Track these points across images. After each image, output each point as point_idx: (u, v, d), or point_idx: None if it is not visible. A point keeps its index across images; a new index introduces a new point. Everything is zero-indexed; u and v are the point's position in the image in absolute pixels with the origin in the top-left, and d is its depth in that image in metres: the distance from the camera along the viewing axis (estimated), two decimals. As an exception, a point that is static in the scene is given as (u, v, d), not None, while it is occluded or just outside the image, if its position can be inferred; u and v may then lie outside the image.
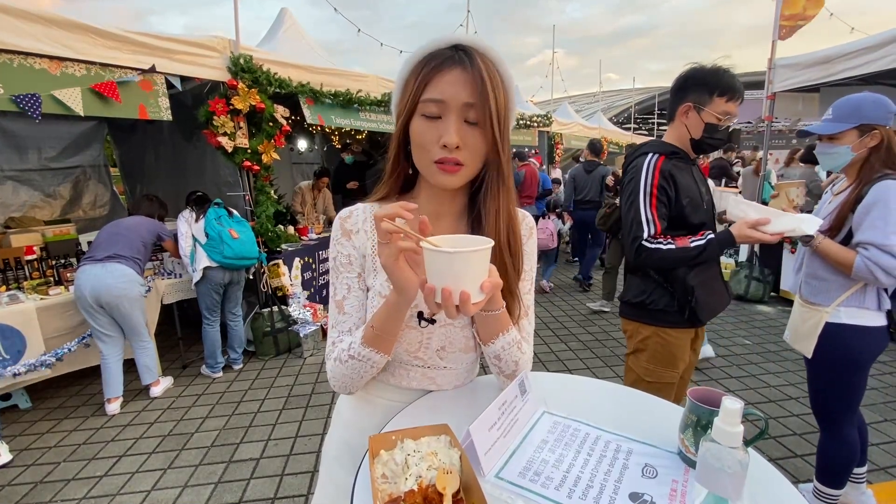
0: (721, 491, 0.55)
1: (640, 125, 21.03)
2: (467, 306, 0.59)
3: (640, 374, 1.68)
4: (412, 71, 0.73)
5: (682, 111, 1.55)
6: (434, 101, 0.70)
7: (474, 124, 0.71)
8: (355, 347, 0.76)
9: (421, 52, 0.73)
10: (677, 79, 1.59)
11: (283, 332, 3.74)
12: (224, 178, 3.93)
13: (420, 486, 0.62)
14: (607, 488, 0.66)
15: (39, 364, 2.69)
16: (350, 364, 0.77)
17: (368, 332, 0.74)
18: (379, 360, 0.77)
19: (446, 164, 0.71)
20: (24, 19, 2.38)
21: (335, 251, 0.84)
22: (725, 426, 0.56)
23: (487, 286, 0.61)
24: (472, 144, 0.72)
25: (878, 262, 1.45)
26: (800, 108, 4.57)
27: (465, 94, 0.69)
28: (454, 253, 0.57)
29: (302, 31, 4.78)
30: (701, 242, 1.47)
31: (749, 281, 4.84)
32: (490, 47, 0.73)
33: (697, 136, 1.54)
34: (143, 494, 2.19)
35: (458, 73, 0.69)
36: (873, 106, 1.52)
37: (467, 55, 0.70)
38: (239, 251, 3.20)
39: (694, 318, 1.57)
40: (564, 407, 0.88)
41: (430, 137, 0.71)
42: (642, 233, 1.51)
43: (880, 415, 2.72)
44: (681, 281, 1.54)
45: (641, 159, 1.56)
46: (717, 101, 1.49)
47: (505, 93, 0.73)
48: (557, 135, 8.51)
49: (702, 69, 1.52)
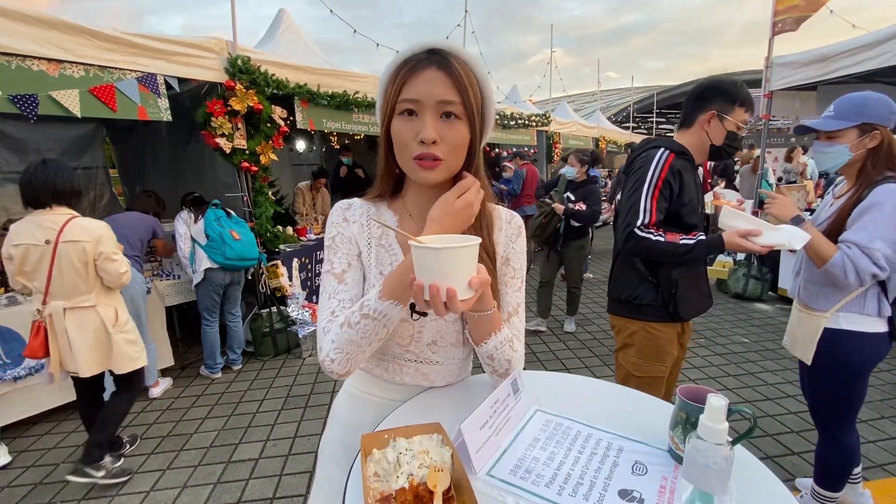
0: (706, 486, 0.56)
1: (639, 124, 21.02)
2: (455, 302, 0.60)
3: (630, 370, 1.70)
4: (390, 75, 0.77)
5: (706, 119, 1.59)
6: (410, 100, 0.73)
7: (450, 120, 0.74)
8: (370, 304, 0.72)
9: (399, 58, 0.77)
10: (697, 87, 1.64)
11: (281, 332, 3.75)
12: (222, 179, 3.94)
13: (411, 483, 0.63)
14: (597, 485, 0.67)
15: (40, 367, 2.70)
16: (362, 325, 0.73)
17: (386, 285, 0.72)
18: (396, 314, 0.73)
19: (425, 159, 0.74)
20: (21, 22, 2.38)
21: (335, 231, 0.85)
22: (710, 423, 0.56)
23: (476, 282, 0.62)
24: (449, 139, 0.74)
25: (856, 262, 1.43)
26: (797, 107, 4.56)
27: (439, 92, 0.72)
28: (441, 249, 0.58)
29: (300, 31, 4.78)
30: (690, 242, 1.50)
31: (747, 279, 4.85)
32: (464, 51, 0.77)
33: (719, 142, 1.59)
34: (142, 495, 2.20)
35: (431, 72, 0.73)
36: (878, 105, 1.48)
37: (441, 56, 0.74)
38: (240, 252, 3.22)
39: (676, 314, 1.59)
40: (557, 405, 0.88)
41: (408, 135, 0.74)
42: (636, 220, 1.53)
43: (877, 412, 2.72)
44: (666, 275, 1.58)
45: (653, 152, 1.59)
46: (738, 110, 1.56)
47: (481, 90, 0.77)
48: (556, 134, 8.51)
49: (721, 80, 1.60)
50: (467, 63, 0.76)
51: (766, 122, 4.61)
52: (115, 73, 2.79)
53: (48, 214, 2.08)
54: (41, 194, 2.05)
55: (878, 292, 1.55)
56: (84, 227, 2.11)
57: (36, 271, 2.06)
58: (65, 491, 2.25)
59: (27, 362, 2.66)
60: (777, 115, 4.89)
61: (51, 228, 2.05)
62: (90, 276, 2.13)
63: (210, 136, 3.32)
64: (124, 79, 2.82)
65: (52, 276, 2.06)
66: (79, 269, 2.09)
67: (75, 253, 2.07)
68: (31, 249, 2.04)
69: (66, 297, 2.10)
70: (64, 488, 2.26)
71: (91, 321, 2.14)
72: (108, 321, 2.18)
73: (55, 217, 2.08)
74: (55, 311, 2.08)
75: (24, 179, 2.05)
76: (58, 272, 2.06)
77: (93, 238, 2.11)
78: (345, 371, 0.77)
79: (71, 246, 2.06)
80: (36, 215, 2.07)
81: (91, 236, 2.11)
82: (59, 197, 2.08)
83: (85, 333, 2.12)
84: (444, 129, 0.74)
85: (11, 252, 2.04)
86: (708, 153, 1.64)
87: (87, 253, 2.10)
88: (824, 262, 1.50)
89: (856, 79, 3.79)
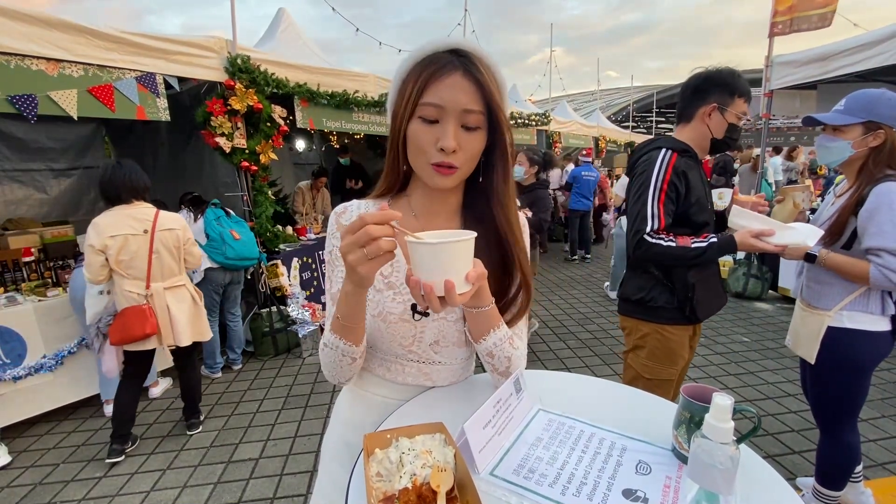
0: (712, 486, 0.56)
1: (639, 123, 21.03)
2: (453, 295, 0.59)
3: (639, 371, 1.68)
4: (411, 73, 0.74)
5: (706, 112, 1.57)
6: (433, 105, 0.71)
7: (471, 129, 0.73)
8: (326, 334, 0.77)
9: (420, 54, 0.74)
10: (694, 80, 1.60)
11: (281, 332, 3.75)
12: (222, 178, 3.93)
13: (414, 483, 0.62)
14: (601, 485, 0.67)
15: (39, 367, 2.69)
16: (326, 352, 0.79)
17: (334, 321, 0.75)
18: (347, 348, 0.76)
19: (442, 166, 0.73)
20: (20, 21, 2.38)
21: (331, 245, 0.86)
22: (716, 422, 0.56)
23: (473, 276, 0.62)
24: (467, 148, 0.73)
25: (894, 267, 1.40)
26: (797, 106, 4.57)
27: (463, 100, 0.71)
28: (438, 244, 0.58)
29: (300, 30, 4.78)
30: (702, 245, 1.48)
31: (747, 278, 4.85)
32: (487, 54, 0.74)
33: (721, 135, 1.57)
34: (142, 495, 2.20)
35: (457, 78, 0.71)
36: (888, 105, 1.47)
37: (466, 60, 0.72)
38: (241, 252, 3.23)
39: (693, 316, 1.58)
40: (559, 404, 0.88)
41: (427, 140, 0.73)
42: (645, 226, 1.51)
43: (878, 411, 2.73)
44: (681, 278, 1.55)
45: (655, 153, 1.56)
46: (738, 101, 1.54)
47: (501, 98, 0.76)
48: (556, 133, 8.51)
49: (719, 72, 1.56)
50: (491, 68, 0.74)
51: (766, 121, 4.61)
52: (114, 72, 2.78)
53: (135, 208, 2.35)
54: (122, 191, 2.31)
55: (882, 291, 1.54)
56: (172, 218, 2.49)
57: (134, 259, 2.33)
58: (65, 491, 2.24)
59: (27, 362, 2.66)
60: (777, 114, 4.89)
61: (145, 220, 2.36)
62: (180, 259, 2.51)
63: (210, 136, 3.32)
64: (123, 78, 2.81)
65: (153, 261, 2.36)
66: (173, 253, 2.46)
67: (171, 239, 2.44)
68: (130, 239, 2.31)
69: (163, 279, 2.43)
70: (64, 488, 2.26)
71: (184, 297, 2.52)
72: (195, 296, 2.59)
73: (145, 210, 2.38)
74: (157, 291, 2.40)
75: (104, 179, 2.30)
76: (157, 257, 2.38)
77: (181, 226, 2.51)
78: (338, 382, 0.84)
79: (167, 234, 2.42)
80: (122, 209, 2.33)
81: (179, 224, 2.51)
82: (136, 193, 2.36)
83: (182, 307, 2.48)
84: (464, 139, 0.73)
85: (108, 243, 2.26)
86: (710, 147, 1.62)
87: (180, 239, 2.48)
88: (865, 281, 1.48)
89: (855, 78, 3.79)
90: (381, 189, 0.87)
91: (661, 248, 1.49)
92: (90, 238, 2.25)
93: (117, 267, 2.30)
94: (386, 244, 0.59)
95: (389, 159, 0.82)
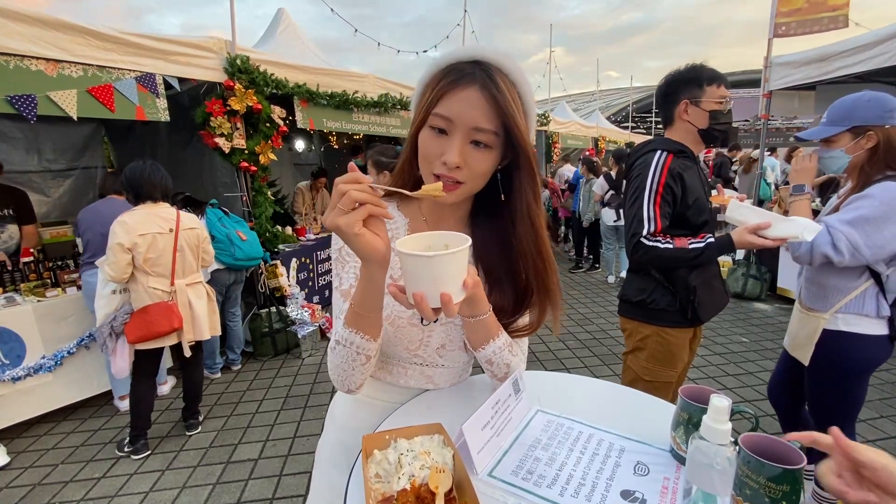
0: (709, 487, 0.56)
1: (638, 123, 21.04)
2: (449, 307, 0.58)
3: (639, 373, 1.68)
4: (431, 80, 0.72)
5: (681, 110, 1.57)
6: (443, 116, 0.69)
7: (479, 146, 0.70)
8: (339, 331, 0.72)
9: (443, 62, 0.72)
10: (660, 88, 1.63)
11: (281, 332, 3.74)
12: (221, 178, 3.92)
13: (413, 485, 0.62)
14: (599, 486, 0.67)
15: (38, 367, 2.69)
16: (338, 351, 0.72)
17: (349, 312, 0.70)
18: (362, 343, 0.71)
19: (445, 180, 0.70)
20: (20, 21, 2.37)
21: (340, 242, 0.80)
22: (713, 423, 0.56)
23: (469, 283, 0.61)
24: (474, 165, 0.70)
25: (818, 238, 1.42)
26: (796, 106, 4.57)
27: (475, 116, 0.68)
28: (433, 257, 0.56)
29: (299, 31, 4.78)
30: (699, 245, 1.48)
31: (746, 279, 4.85)
32: (517, 68, 0.71)
33: (704, 125, 1.56)
34: (141, 496, 2.20)
35: (471, 92, 0.68)
36: (867, 106, 1.48)
37: (487, 74, 0.68)
38: (248, 252, 3.27)
39: (695, 318, 1.58)
40: (558, 405, 0.88)
41: (433, 151, 0.71)
42: (642, 229, 1.51)
43: (876, 411, 2.73)
44: (683, 280, 1.55)
45: (650, 156, 1.56)
46: (709, 89, 1.53)
47: (525, 114, 0.71)
48: (555, 134, 8.52)
49: (679, 70, 1.58)
50: (514, 84, 0.70)
51: (765, 122, 4.62)
52: (113, 72, 2.78)
53: (160, 207, 2.44)
54: (156, 191, 2.42)
55: (877, 292, 1.54)
56: (191, 218, 2.61)
57: (160, 256, 2.39)
58: (64, 491, 2.24)
59: (26, 363, 2.65)
60: (776, 115, 4.90)
61: (169, 219, 2.45)
62: (198, 257, 2.60)
63: (209, 136, 3.32)
64: (123, 79, 2.81)
65: (177, 259, 2.45)
66: (194, 251, 2.55)
67: (193, 238, 2.55)
68: (158, 237, 2.38)
69: (184, 276, 2.51)
70: (63, 489, 2.26)
71: (202, 293, 2.62)
72: (210, 293, 2.68)
73: (168, 210, 2.47)
74: (180, 288, 2.48)
75: (142, 176, 2.38)
76: (180, 255, 2.47)
77: (200, 226, 2.62)
78: (347, 389, 0.77)
79: (190, 233, 2.52)
80: (148, 207, 2.40)
81: (198, 224, 2.62)
82: (165, 193, 2.48)
83: (201, 303, 2.58)
84: (471, 155, 0.70)
85: (137, 241, 2.31)
86: (701, 139, 1.61)
87: (199, 238, 2.59)
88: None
89: (855, 78, 3.79)
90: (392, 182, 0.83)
91: (659, 251, 1.49)
92: (118, 236, 2.27)
93: (144, 265, 2.35)
94: (356, 194, 0.56)
95: (402, 162, 0.81)
